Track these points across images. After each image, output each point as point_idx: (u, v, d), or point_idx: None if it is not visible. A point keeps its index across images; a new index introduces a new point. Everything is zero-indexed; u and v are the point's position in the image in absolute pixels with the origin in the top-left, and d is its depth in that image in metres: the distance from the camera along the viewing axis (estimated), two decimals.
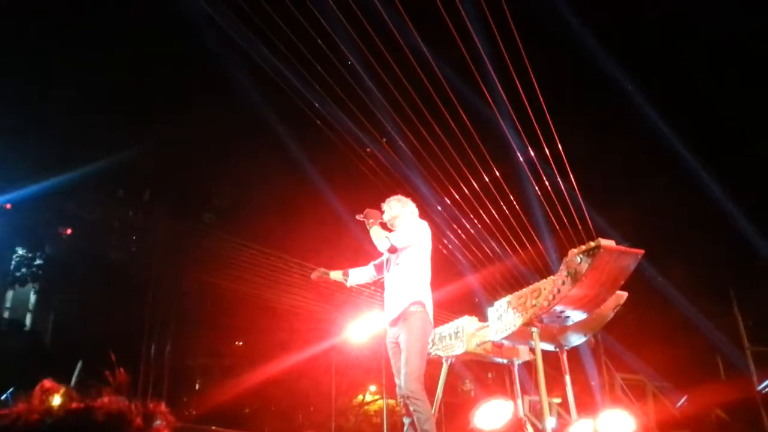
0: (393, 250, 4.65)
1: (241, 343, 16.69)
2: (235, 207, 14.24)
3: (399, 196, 5.06)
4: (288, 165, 12.70)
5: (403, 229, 4.77)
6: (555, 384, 6.52)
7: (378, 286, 5.31)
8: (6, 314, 14.52)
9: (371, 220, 4.80)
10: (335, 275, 5.26)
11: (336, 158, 11.13)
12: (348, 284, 5.27)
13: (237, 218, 13.78)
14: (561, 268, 4.31)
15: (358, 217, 4.90)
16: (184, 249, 12.48)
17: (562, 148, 7.52)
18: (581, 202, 8.42)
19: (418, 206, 5.08)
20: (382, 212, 4.95)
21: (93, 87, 11.64)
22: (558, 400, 8.95)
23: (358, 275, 5.21)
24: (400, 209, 4.94)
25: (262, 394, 15.02)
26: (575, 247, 4.22)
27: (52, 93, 11.29)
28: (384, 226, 4.87)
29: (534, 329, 4.65)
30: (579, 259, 4.13)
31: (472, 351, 5.58)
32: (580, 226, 8.58)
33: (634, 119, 11.21)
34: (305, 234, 13.71)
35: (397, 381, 4.49)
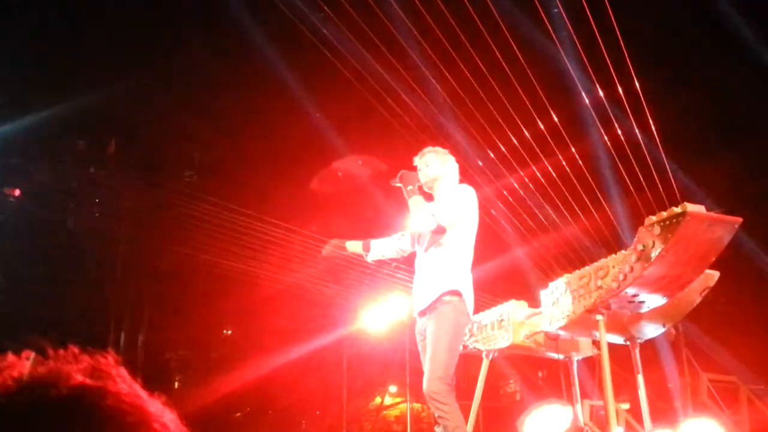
0: (441, 230, 4.61)
1: (230, 332, 16.94)
2: (223, 163, 14.27)
3: (437, 149, 4.97)
4: (291, 111, 12.67)
5: (448, 201, 4.69)
6: (623, 386, 6.56)
7: (401, 261, 5.32)
8: None
9: (410, 187, 4.71)
10: (353, 247, 5.23)
11: (352, 102, 11.09)
12: (369, 259, 5.27)
13: (225, 177, 13.83)
14: (635, 240, 4.29)
15: (393, 182, 4.84)
16: (160, 215, 12.57)
17: (641, 87, 7.40)
18: (663, 156, 8.33)
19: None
20: (418, 171, 4.87)
21: (50, 19, 11.63)
22: (626, 406, 9.02)
23: (382, 248, 5.17)
24: (440, 168, 4.86)
25: (257, 394, 15.26)
26: (654, 214, 4.19)
27: None
28: (421, 190, 4.81)
29: (599, 317, 4.66)
30: (658, 229, 4.10)
31: (519, 344, 5.63)
32: (660, 188, 8.50)
33: (734, 55, 10.99)
34: (312, 198, 13.76)
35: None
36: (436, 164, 4.87)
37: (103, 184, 12.61)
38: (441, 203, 4.70)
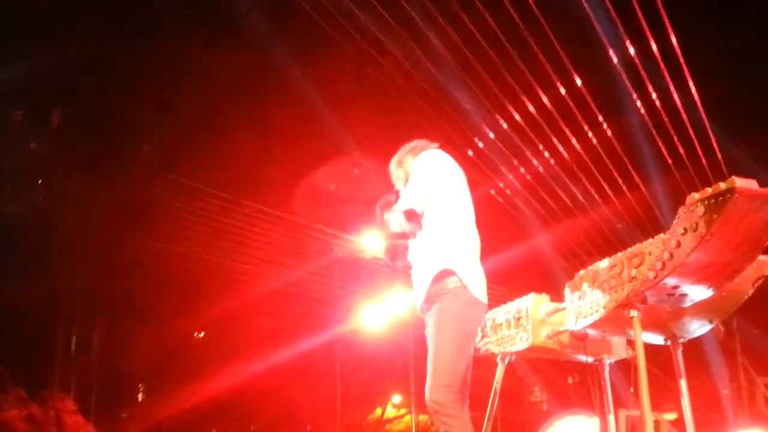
0: (412, 214, 4.65)
1: (203, 335, 16.96)
2: (188, 136, 14.16)
3: (395, 157, 5.07)
4: (267, 74, 12.62)
5: (409, 184, 4.78)
6: (667, 393, 6.55)
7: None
8: None
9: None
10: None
11: (341, 65, 11.05)
12: (396, 266, 5.25)
13: (190, 153, 13.75)
14: (675, 222, 4.24)
15: (379, 212, 4.91)
16: (115, 199, 12.51)
17: (679, 43, 7.35)
18: (706, 124, 8.29)
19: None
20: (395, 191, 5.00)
21: None
22: (673, 416, 9.03)
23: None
24: (405, 171, 4.98)
25: (235, 406, 15.33)
26: (697, 191, 4.16)
27: None
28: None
29: (633, 313, 4.62)
30: (702, 209, 4.05)
31: (540, 345, 5.61)
32: (704, 161, 8.46)
33: None
34: (296, 175, 13.70)
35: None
36: (401, 173, 5.01)
37: (47, 161, 12.52)
38: (406, 192, 4.78)
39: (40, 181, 12.93)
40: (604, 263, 4.89)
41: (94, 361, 13.02)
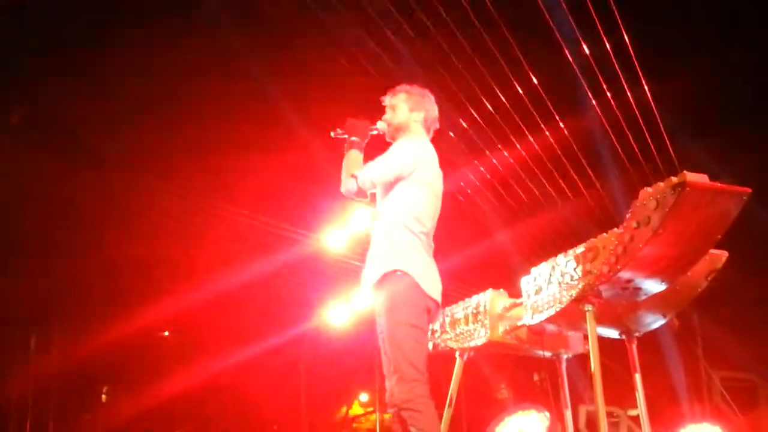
0: (361, 193, 4.45)
1: (167, 334, 16.79)
2: (149, 134, 13.97)
3: (413, 88, 4.79)
4: (227, 68, 12.49)
5: (382, 158, 4.49)
6: (631, 390, 6.55)
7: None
8: None
9: (354, 138, 4.62)
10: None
11: (300, 52, 10.96)
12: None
13: (152, 146, 13.57)
14: (628, 216, 4.25)
15: (334, 134, 4.71)
16: (76, 195, 12.33)
17: (630, 40, 7.36)
18: (659, 122, 8.31)
19: None
20: (377, 119, 4.74)
21: None
22: (635, 412, 9.10)
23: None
24: (408, 114, 4.67)
25: (200, 405, 15.23)
26: (650, 186, 4.15)
27: None
28: (381, 139, 4.71)
29: (588, 307, 4.62)
30: (654, 203, 4.05)
31: (498, 340, 5.61)
32: (657, 157, 8.48)
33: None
34: (259, 168, 13.57)
35: (387, 385, 4.26)
36: (403, 108, 4.68)
37: (6, 160, 12.33)
38: (377, 159, 4.50)
39: None
40: (559, 258, 4.89)
41: (55, 362, 12.82)
